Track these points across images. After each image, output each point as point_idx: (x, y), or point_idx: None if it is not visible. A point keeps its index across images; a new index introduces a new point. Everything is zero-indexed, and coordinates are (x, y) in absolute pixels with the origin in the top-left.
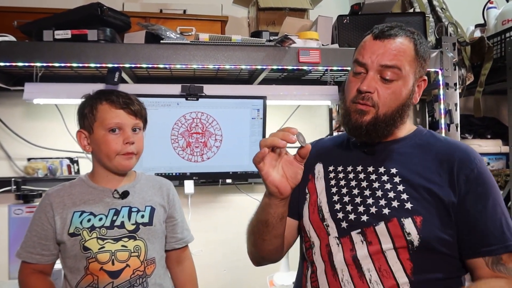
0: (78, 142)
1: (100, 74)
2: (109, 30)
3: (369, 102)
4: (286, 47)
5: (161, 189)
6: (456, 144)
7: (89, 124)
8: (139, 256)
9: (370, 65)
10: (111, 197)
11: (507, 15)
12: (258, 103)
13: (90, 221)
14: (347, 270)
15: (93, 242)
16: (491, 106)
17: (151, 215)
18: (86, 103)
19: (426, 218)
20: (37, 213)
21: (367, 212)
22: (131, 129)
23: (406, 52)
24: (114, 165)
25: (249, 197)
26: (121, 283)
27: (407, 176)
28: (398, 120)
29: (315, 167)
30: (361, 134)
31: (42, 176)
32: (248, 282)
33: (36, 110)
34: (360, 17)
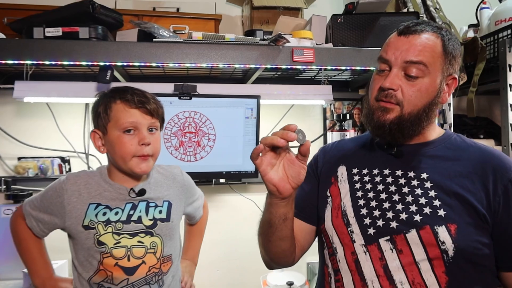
0: (93, 143)
1: (92, 73)
2: (101, 28)
3: (393, 100)
4: (280, 46)
5: (175, 180)
6: (489, 150)
7: (103, 124)
8: (155, 253)
9: (393, 62)
10: (127, 194)
11: (500, 15)
12: (251, 102)
13: (105, 214)
14: (377, 281)
15: (108, 236)
16: (484, 106)
17: (168, 211)
18: (100, 101)
19: (460, 226)
20: (51, 189)
21: (396, 218)
22: (147, 129)
23: (433, 48)
24: (129, 168)
25: (242, 197)
26: (137, 280)
27: (439, 182)
28: (425, 120)
29: (337, 169)
30: (385, 133)
31: (32, 176)
32: (241, 282)
33: (26, 109)
34: (354, 17)
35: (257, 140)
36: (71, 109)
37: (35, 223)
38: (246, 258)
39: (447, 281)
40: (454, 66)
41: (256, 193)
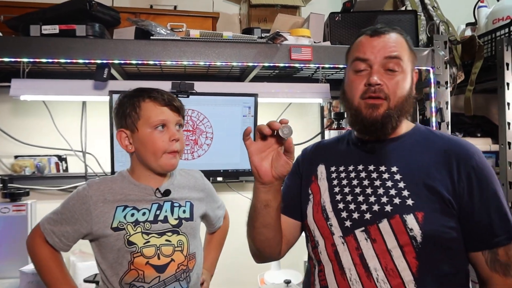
0: (119, 142)
1: (89, 71)
2: (98, 25)
3: (382, 94)
4: (277, 44)
5: (197, 183)
6: (455, 140)
7: (132, 122)
8: (182, 251)
9: (373, 60)
10: (153, 194)
11: (497, 14)
12: (249, 100)
13: (133, 215)
14: (354, 269)
15: (138, 236)
16: (481, 105)
17: (191, 210)
18: (126, 101)
19: (427, 213)
20: (72, 199)
21: (369, 210)
22: (175, 126)
23: (402, 44)
24: (160, 164)
25: (240, 195)
26: (168, 277)
27: (408, 173)
28: (406, 111)
29: (317, 168)
30: (377, 129)
31: (29, 174)
32: (239, 280)
33: (23, 107)
34: (352, 15)
35: (254, 138)
36: (68, 107)
37: (57, 239)
38: (243, 256)
39: (417, 265)
40: (415, 62)
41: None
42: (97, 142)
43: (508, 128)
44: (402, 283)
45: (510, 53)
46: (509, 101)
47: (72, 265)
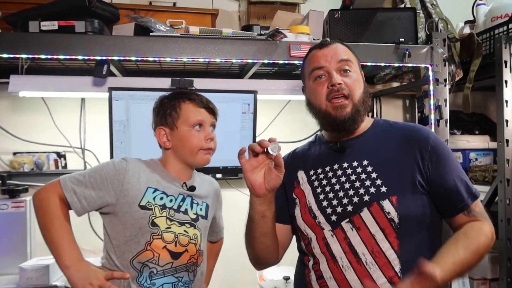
0: (158, 139)
1: (88, 67)
2: (97, 21)
3: (344, 92)
4: (277, 41)
5: (213, 187)
6: (409, 127)
7: (172, 121)
8: (196, 244)
9: (329, 66)
10: (180, 187)
11: (496, 12)
12: (248, 97)
13: (162, 199)
14: (345, 257)
15: (162, 220)
16: (479, 102)
17: (206, 210)
18: (167, 102)
19: (400, 196)
20: (107, 167)
21: (350, 202)
22: (209, 126)
23: (347, 50)
24: (196, 160)
25: (239, 192)
26: (179, 265)
27: (378, 164)
28: (367, 106)
29: (297, 174)
30: (346, 126)
31: (28, 171)
32: (238, 277)
33: (22, 103)
34: (352, 12)
35: (254, 135)
36: (67, 104)
37: (76, 199)
38: (242, 252)
39: (398, 244)
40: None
41: None
42: (96, 138)
43: (506, 125)
44: (388, 262)
45: (508, 51)
46: (507, 98)
47: None
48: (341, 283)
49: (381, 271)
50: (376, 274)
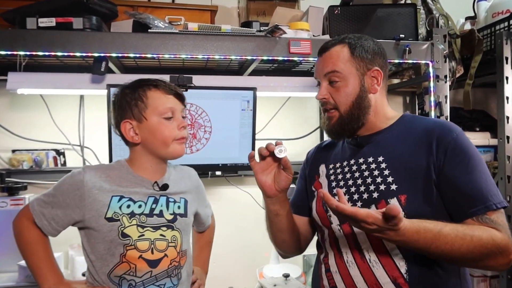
0: (124, 134)
1: (86, 64)
2: (95, 18)
3: (330, 106)
4: (276, 37)
5: (191, 179)
6: (435, 123)
7: (139, 112)
8: (176, 247)
9: (320, 79)
10: (151, 187)
11: (497, 7)
12: (248, 94)
13: (129, 207)
14: (350, 252)
15: (132, 229)
16: (480, 99)
17: (185, 207)
18: (129, 92)
19: (410, 196)
20: (66, 183)
21: (360, 198)
22: (181, 114)
23: (340, 55)
24: (169, 152)
25: (239, 190)
26: (160, 273)
27: (392, 161)
28: (360, 113)
29: (319, 168)
30: (334, 135)
31: (27, 168)
32: (238, 274)
33: (20, 101)
34: (351, 8)
35: (253, 132)
36: (65, 101)
37: (46, 222)
38: (242, 250)
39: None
40: (373, 61)
41: (252, 186)
42: (95, 136)
43: (506, 122)
44: (392, 262)
45: (509, 47)
46: (508, 95)
47: (70, 259)
48: (345, 278)
49: (384, 270)
50: (379, 272)
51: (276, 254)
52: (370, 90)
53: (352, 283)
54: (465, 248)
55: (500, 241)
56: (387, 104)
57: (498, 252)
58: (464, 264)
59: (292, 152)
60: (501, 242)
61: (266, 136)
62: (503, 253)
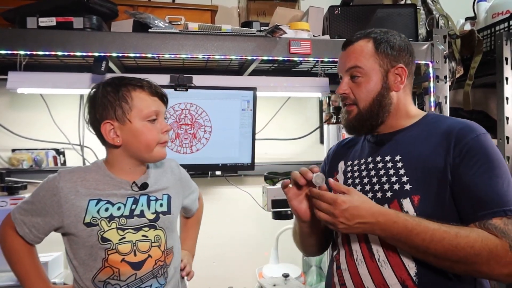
0: (104, 135)
1: (86, 64)
2: (95, 18)
3: (349, 101)
4: (276, 37)
5: (173, 173)
6: (458, 122)
7: (123, 114)
8: (159, 246)
9: (341, 73)
10: (129, 188)
11: (497, 8)
12: (248, 94)
13: (108, 210)
14: (360, 251)
15: (112, 232)
16: (479, 99)
17: (168, 204)
18: (111, 91)
19: (424, 197)
20: (42, 189)
21: (374, 197)
22: (163, 117)
23: (364, 51)
24: (152, 156)
25: (238, 189)
26: (144, 275)
27: (409, 160)
28: (380, 110)
29: (338, 165)
30: (352, 130)
31: (27, 168)
32: (238, 274)
33: (20, 100)
34: (352, 8)
35: (253, 132)
36: (65, 101)
37: (27, 230)
38: (242, 250)
39: None
40: (397, 58)
41: (252, 185)
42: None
43: (506, 122)
44: (401, 263)
45: (509, 48)
46: (508, 95)
47: None
48: (353, 276)
49: (392, 271)
50: (387, 273)
51: (275, 254)
52: (393, 88)
53: (360, 281)
54: (447, 242)
55: (493, 247)
56: (411, 102)
57: (490, 258)
58: (451, 265)
59: (292, 152)
60: (495, 248)
61: (266, 136)
62: (499, 261)
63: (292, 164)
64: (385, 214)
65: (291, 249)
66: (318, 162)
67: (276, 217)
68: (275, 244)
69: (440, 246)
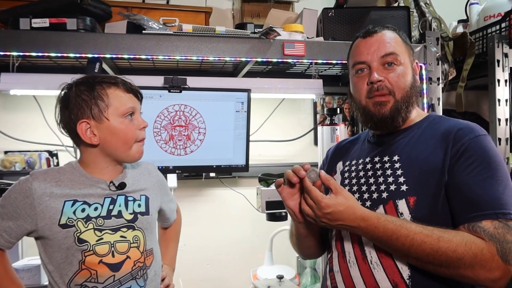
0: (81, 135)
1: (80, 65)
2: (89, 19)
3: (385, 91)
4: (271, 39)
5: (151, 175)
6: (459, 123)
7: (100, 112)
8: (138, 247)
9: (370, 60)
10: (107, 188)
11: (489, 11)
12: (242, 96)
13: (84, 211)
14: (353, 252)
15: (89, 233)
16: (472, 101)
17: (147, 204)
18: (85, 90)
19: (420, 198)
20: (14, 192)
21: (370, 198)
22: (139, 114)
23: (396, 39)
24: (130, 154)
25: (233, 191)
26: (123, 276)
27: (407, 161)
28: (412, 102)
29: (336, 165)
30: (388, 124)
31: (19, 170)
32: (232, 276)
33: (13, 102)
34: (345, 10)
35: (247, 133)
36: None
37: None
38: (236, 252)
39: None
40: (413, 54)
41: (246, 187)
42: None
43: (498, 124)
44: (394, 265)
45: (501, 50)
46: (500, 97)
47: None
48: (345, 278)
49: (385, 273)
50: (380, 275)
51: (270, 256)
52: (417, 81)
53: (352, 284)
54: (428, 246)
55: (478, 251)
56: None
57: (475, 263)
58: (435, 268)
59: (286, 154)
60: (480, 253)
61: (261, 137)
62: (484, 266)
63: (286, 166)
64: (367, 219)
65: (286, 251)
66: (313, 164)
67: (271, 218)
68: (269, 246)
69: (421, 250)
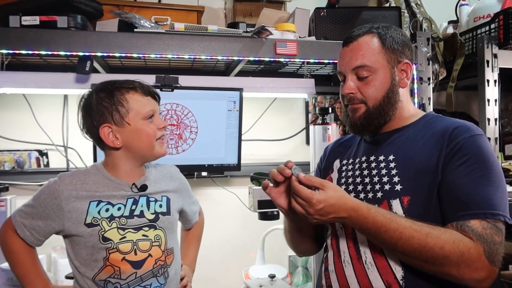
0: (104, 139)
1: (71, 63)
2: (80, 17)
3: (356, 101)
4: (263, 38)
5: (173, 178)
6: (454, 123)
7: (121, 117)
8: (160, 246)
9: (345, 71)
10: (129, 190)
11: (478, 12)
12: (234, 95)
13: (108, 210)
14: (348, 252)
15: (113, 232)
16: (462, 101)
17: (168, 205)
18: (105, 96)
19: (414, 198)
20: (43, 193)
21: (365, 198)
22: (158, 114)
23: (370, 47)
24: (154, 153)
25: (225, 190)
26: (145, 273)
27: (403, 161)
28: (389, 108)
29: (333, 163)
30: (358, 129)
31: (9, 169)
32: (224, 275)
33: (2, 100)
34: (337, 10)
35: (239, 132)
36: (49, 101)
37: (28, 233)
38: (228, 251)
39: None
40: (402, 53)
41: (238, 186)
42: (79, 136)
43: (488, 124)
44: (388, 265)
45: (490, 51)
46: (489, 97)
47: (53, 261)
48: (340, 278)
49: (378, 273)
50: (373, 275)
51: (262, 255)
52: (400, 84)
53: (346, 283)
54: (416, 242)
55: (465, 250)
56: (410, 101)
57: (461, 261)
58: (421, 264)
59: (278, 153)
60: (467, 252)
61: (253, 136)
62: (470, 265)
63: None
64: (357, 209)
65: (278, 250)
66: (304, 163)
67: (263, 217)
68: (261, 245)
69: (408, 245)
